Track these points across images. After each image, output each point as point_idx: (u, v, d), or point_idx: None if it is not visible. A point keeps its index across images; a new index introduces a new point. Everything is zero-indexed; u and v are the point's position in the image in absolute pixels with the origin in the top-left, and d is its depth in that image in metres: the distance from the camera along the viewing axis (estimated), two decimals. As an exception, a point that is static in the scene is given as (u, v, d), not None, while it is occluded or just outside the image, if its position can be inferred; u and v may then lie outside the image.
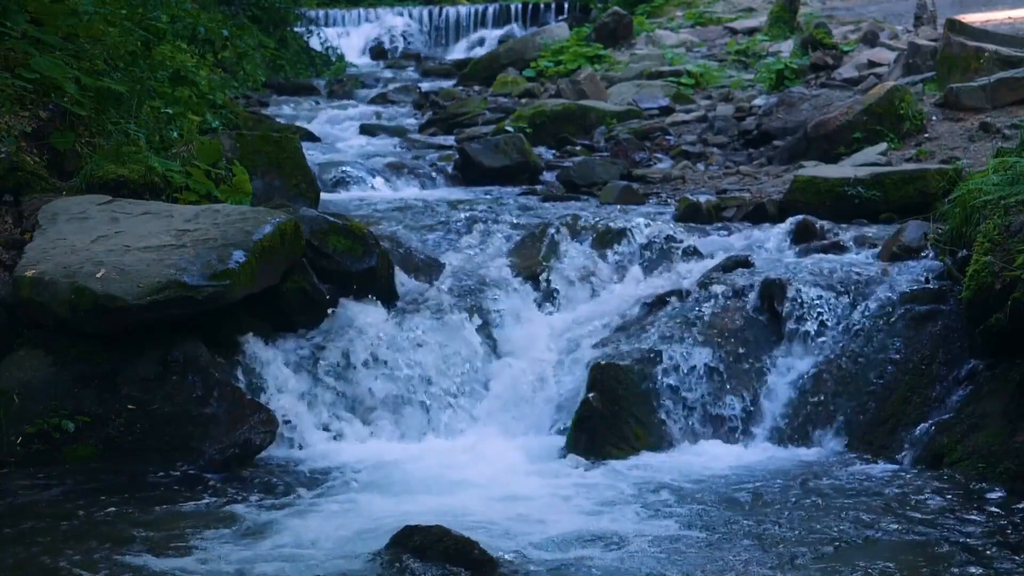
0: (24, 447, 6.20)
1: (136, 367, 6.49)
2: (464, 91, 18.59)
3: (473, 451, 6.67)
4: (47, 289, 6.39)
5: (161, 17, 12.04)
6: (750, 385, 7.01)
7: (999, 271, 6.33)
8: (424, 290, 7.88)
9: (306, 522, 5.57)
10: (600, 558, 5.10)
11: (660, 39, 20.38)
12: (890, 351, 6.87)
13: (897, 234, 8.00)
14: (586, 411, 6.75)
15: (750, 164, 11.69)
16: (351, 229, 7.64)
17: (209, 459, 6.33)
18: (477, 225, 8.85)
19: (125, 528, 5.44)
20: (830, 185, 9.19)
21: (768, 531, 5.43)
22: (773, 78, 15.50)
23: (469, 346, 7.47)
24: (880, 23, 18.72)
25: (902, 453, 6.43)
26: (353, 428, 6.96)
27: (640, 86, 16.12)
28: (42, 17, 8.31)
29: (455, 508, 5.69)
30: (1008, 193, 6.68)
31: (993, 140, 10.28)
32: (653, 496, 5.92)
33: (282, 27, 22.64)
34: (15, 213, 7.27)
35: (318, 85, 20.37)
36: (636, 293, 7.86)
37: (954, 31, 12.95)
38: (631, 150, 12.33)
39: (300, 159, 9.31)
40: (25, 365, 6.43)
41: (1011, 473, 5.91)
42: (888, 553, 5.14)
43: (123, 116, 8.32)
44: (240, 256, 6.66)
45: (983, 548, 5.17)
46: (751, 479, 6.19)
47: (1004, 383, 6.34)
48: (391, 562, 4.99)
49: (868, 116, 11.11)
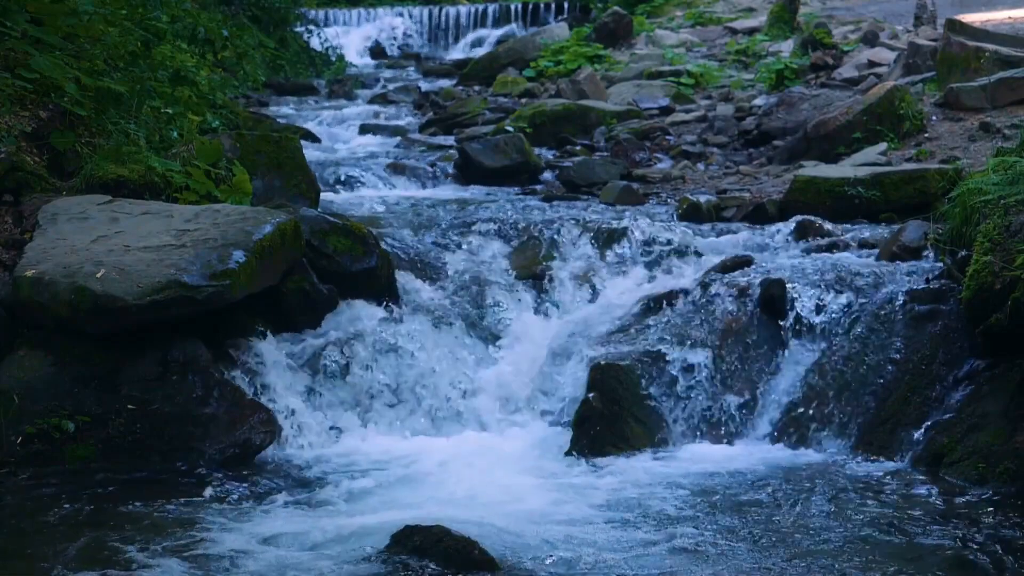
0: (24, 447, 6.20)
1: (136, 367, 6.49)
2: (464, 91, 18.58)
3: (473, 451, 6.67)
4: (47, 289, 6.39)
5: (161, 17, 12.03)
6: (750, 385, 7.01)
7: (999, 271, 6.33)
8: (424, 290, 7.88)
9: (306, 522, 5.57)
10: (600, 558, 5.10)
11: (660, 39, 20.38)
12: (890, 351, 6.87)
13: (897, 234, 8.00)
14: (586, 411, 6.75)
15: (750, 164, 11.69)
16: (351, 229, 7.64)
17: (209, 459, 6.33)
18: (477, 225, 8.84)
19: (125, 528, 5.44)
20: (830, 185, 9.19)
21: (768, 531, 5.43)
22: (773, 78, 15.50)
23: (469, 346, 7.48)
24: (880, 23, 18.71)
25: (902, 453, 6.43)
26: (353, 428, 6.96)
27: (640, 86, 16.12)
28: (42, 17, 8.30)
29: (455, 508, 5.69)
30: (1008, 193, 6.67)
31: (993, 140, 10.29)
32: (653, 496, 5.92)
33: (282, 27, 22.64)
34: (15, 213, 7.27)
35: (318, 85, 20.36)
36: (636, 293, 7.86)
37: (954, 31, 12.95)
38: (631, 150, 12.33)
39: (300, 159, 9.31)
40: (25, 365, 6.43)
41: (1011, 473, 5.91)
42: (888, 553, 5.15)
43: (123, 116, 8.31)
44: (240, 256, 6.66)
45: (983, 548, 5.17)
46: (751, 479, 6.19)
47: (1004, 383, 6.34)
48: (391, 562, 4.99)
49: (868, 116, 11.11)
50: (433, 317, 7.53)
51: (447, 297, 7.81)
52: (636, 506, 5.77)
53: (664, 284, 7.91)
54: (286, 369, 7.01)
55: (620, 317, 7.63)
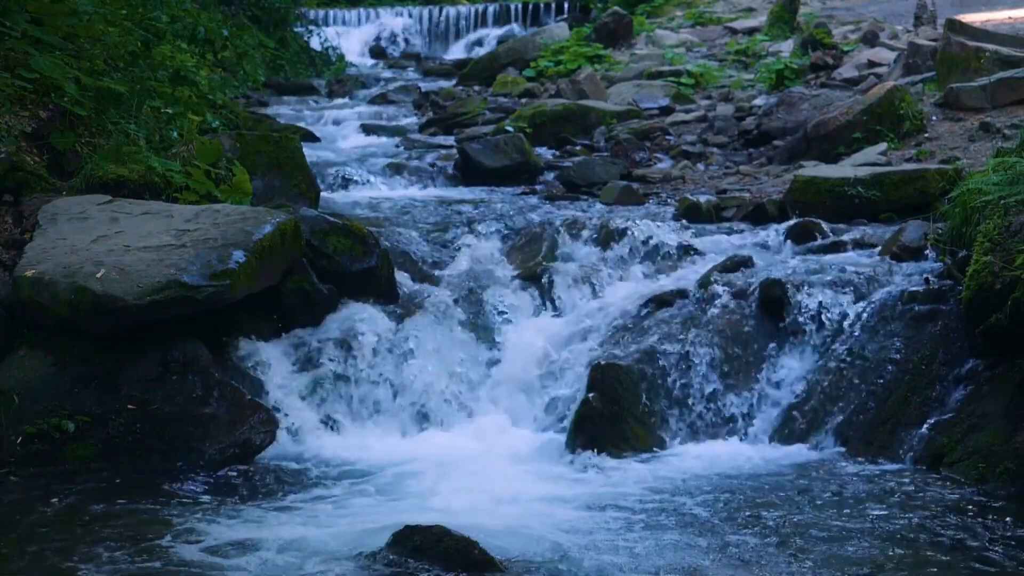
0: (24, 447, 6.19)
1: (136, 367, 6.49)
2: (464, 91, 18.57)
3: (473, 451, 6.67)
4: (47, 289, 6.39)
5: (161, 17, 12.05)
6: (750, 385, 7.01)
7: (999, 271, 6.34)
8: (424, 290, 7.89)
9: (306, 522, 5.57)
10: (600, 558, 5.10)
11: (660, 39, 20.38)
12: (890, 351, 6.87)
13: (897, 234, 8.00)
14: (586, 411, 6.75)
15: (750, 164, 11.69)
16: (351, 229, 7.65)
17: (209, 459, 6.33)
18: (477, 225, 8.85)
19: (125, 528, 5.44)
20: (830, 185, 9.19)
21: (768, 531, 5.43)
22: (773, 78, 15.50)
23: (468, 346, 7.48)
24: (880, 23, 18.71)
25: (902, 453, 6.43)
26: (353, 428, 6.97)
27: (640, 86, 16.11)
28: (42, 17, 8.31)
29: (455, 508, 5.70)
30: (1008, 193, 6.68)
31: (993, 140, 10.28)
32: (653, 496, 5.92)
33: (282, 27, 22.63)
34: (15, 213, 7.27)
35: (318, 85, 20.36)
36: (636, 293, 7.86)
37: (954, 31, 12.94)
38: (631, 150, 12.32)
39: (300, 159, 9.31)
40: (25, 365, 6.43)
41: (1011, 473, 5.92)
42: (888, 553, 5.14)
43: (123, 116, 8.32)
44: (240, 256, 6.66)
45: (983, 548, 5.17)
46: (751, 479, 6.19)
47: (1004, 383, 6.34)
48: (391, 562, 4.99)
49: (868, 116, 11.10)
50: (433, 317, 7.53)
51: (447, 297, 7.81)
52: (636, 506, 5.77)
53: (664, 284, 7.91)
54: (286, 369, 7.01)
55: (620, 317, 7.62)
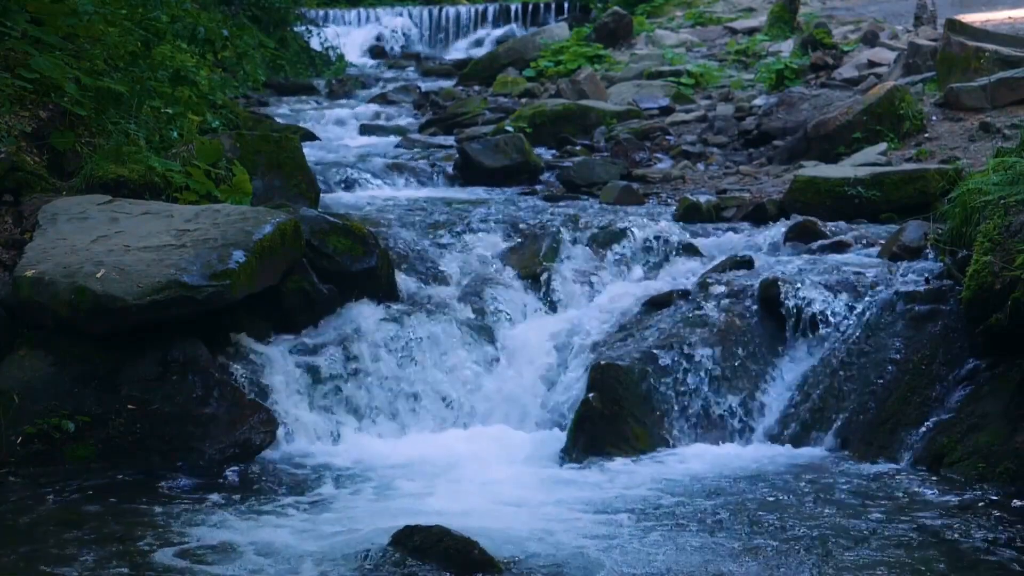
0: (24, 447, 6.19)
1: (136, 367, 6.49)
2: (464, 91, 18.57)
3: (473, 451, 6.67)
4: (47, 289, 6.39)
5: (161, 17, 12.04)
6: (750, 385, 7.01)
7: (999, 271, 6.34)
8: (424, 290, 7.89)
9: (306, 521, 5.58)
10: (600, 558, 5.10)
11: (660, 39, 20.38)
12: (890, 351, 6.87)
13: (897, 234, 8.00)
14: (586, 411, 6.75)
15: (750, 164, 11.69)
16: (351, 229, 7.65)
17: (209, 459, 6.33)
18: (477, 225, 8.84)
19: (125, 528, 5.44)
20: (830, 185, 9.19)
21: (768, 531, 5.42)
22: (773, 78, 15.50)
23: (468, 346, 7.48)
24: (880, 23, 18.71)
25: (902, 453, 6.43)
26: (353, 428, 6.97)
27: (640, 86, 16.11)
28: (42, 17, 8.31)
29: (455, 508, 5.69)
30: (1008, 193, 6.68)
31: (993, 140, 10.28)
32: (653, 496, 5.92)
33: (282, 27, 22.64)
34: (15, 213, 7.27)
35: (318, 85, 20.36)
36: (636, 293, 7.86)
37: (954, 31, 12.95)
38: (631, 150, 12.32)
39: (300, 159, 9.32)
40: (25, 365, 6.43)
41: (1011, 473, 5.92)
42: (888, 553, 5.14)
43: (123, 116, 8.32)
44: (240, 256, 6.66)
45: (983, 548, 5.17)
46: (751, 479, 6.19)
47: (1004, 383, 6.33)
48: (391, 562, 4.99)
49: (868, 116, 11.11)
50: (433, 317, 7.53)
51: (447, 297, 7.81)
52: (636, 506, 5.77)
53: (664, 284, 7.91)
54: (286, 369, 7.01)
55: (620, 317, 7.63)
